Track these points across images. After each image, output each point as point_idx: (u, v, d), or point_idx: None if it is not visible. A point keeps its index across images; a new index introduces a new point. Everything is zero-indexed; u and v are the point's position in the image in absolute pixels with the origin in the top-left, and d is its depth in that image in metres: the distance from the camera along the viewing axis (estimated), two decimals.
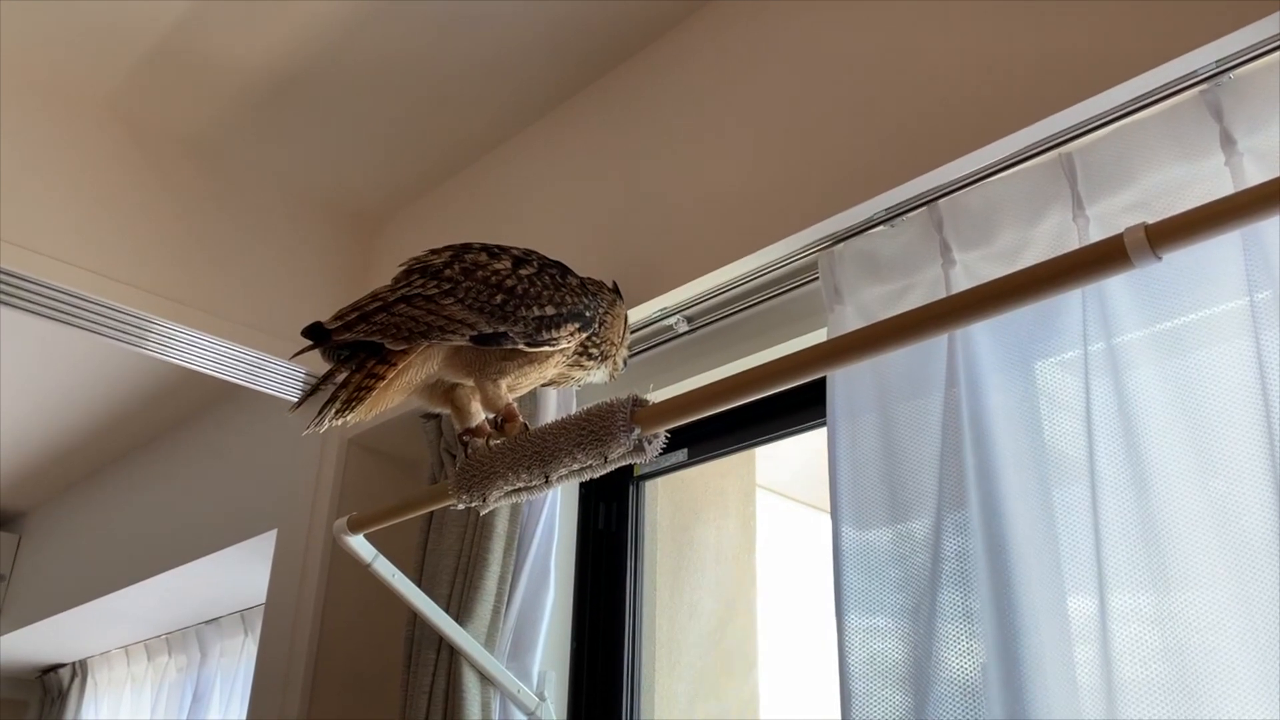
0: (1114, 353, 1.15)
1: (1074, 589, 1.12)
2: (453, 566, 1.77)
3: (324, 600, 2.09)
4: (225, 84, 1.99)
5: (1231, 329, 1.08)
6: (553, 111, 2.04)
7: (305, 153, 2.17)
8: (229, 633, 3.53)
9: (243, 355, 2.12)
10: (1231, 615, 1.00)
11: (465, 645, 1.63)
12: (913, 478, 1.27)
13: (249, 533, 2.60)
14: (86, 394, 3.15)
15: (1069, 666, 1.10)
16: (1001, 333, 1.25)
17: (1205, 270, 1.11)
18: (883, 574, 1.26)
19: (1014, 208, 1.29)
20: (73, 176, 1.96)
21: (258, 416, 2.80)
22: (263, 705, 2.13)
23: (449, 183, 2.26)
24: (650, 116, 1.80)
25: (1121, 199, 1.21)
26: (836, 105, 1.49)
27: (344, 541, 1.58)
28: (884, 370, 1.34)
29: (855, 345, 1.07)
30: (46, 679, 4.50)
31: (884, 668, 1.22)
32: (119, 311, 1.96)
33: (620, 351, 1.56)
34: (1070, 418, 1.18)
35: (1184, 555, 1.04)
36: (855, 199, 1.40)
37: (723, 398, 1.15)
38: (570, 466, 1.26)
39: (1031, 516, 1.17)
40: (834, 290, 1.44)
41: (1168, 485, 1.07)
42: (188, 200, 2.12)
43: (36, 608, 3.75)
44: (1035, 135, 1.25)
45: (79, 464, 3.67)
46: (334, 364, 1.41)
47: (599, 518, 1.95)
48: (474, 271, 1.42)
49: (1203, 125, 1.14)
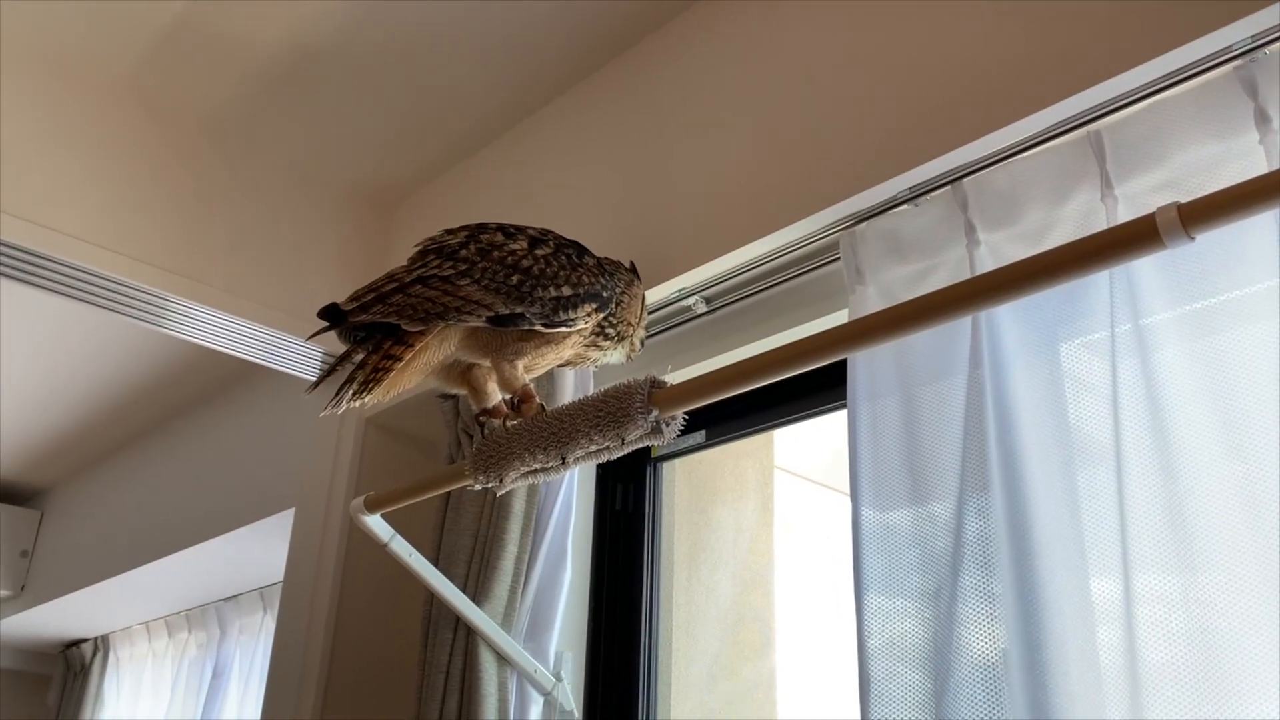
0: (1141, 334, 1.13)
1: (1098, 572, 1.10)
2: (470, 547, 1.77)
3: (341, 579, 2.10)
4: (242, 63, 1.98)
5: (1262, 310, 1.06)
6: (570, 90, 2.02)
7: (322, 132, 2.16)
8: (248, 610, 3.55)
9: (260, 334, 2.12)
10: (1258, 598, 0.99)
11: (482, 625, 1.63)
12: (934, 461, 1.26)
13: (267, 511, 2.61)
14: (107, 372, 3.17)
15: (1092, 649, 1.08)
16: (1026, 314, 1.23)
17: (1236, 250, 1.09)
18: (903, 556, 1.25)
19: (1041, 187, 1.26)
20: (92, 155, 1.96)
21: (276, 395, 2.80)
22: (280, 683, 2.14)
23: (466, 163, 2.24)
24: (669, 94, 1.78)
25: (1152, 178, 1.18)
26: (860, 82, 1.46)
27: (361, 521, 1.58)
28: (906, 352, 1.32)
29: (877, 327, 1.05)
30: (69, 653, 4.56)
31: (904, 650, 1.21)
32: (138, 290, 1.97)
33: (638, 332, 1.55)
34: (1096, 400, 1.16)
35: (1210, 538, 1.03)
36: (878, 177, 1.38)
37: (742, 380, 1.14)
38: (587, 448, 1.25)
39: (1055, 500, 1.15)
40: (855, 271, 1.42)
41: (1194, 468, 1.05)
42: (205, 179, 2.11)
43: (59, 583, 3.79)
44: (1063, 112, 1.23)
45: (100, 442, 3.70)
46: (350, 345, 1.41)
47: (617, 499, 1.94)
48: (490, 252, 1.41)
49: (1236, 102, 1.12)
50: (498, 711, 1.62)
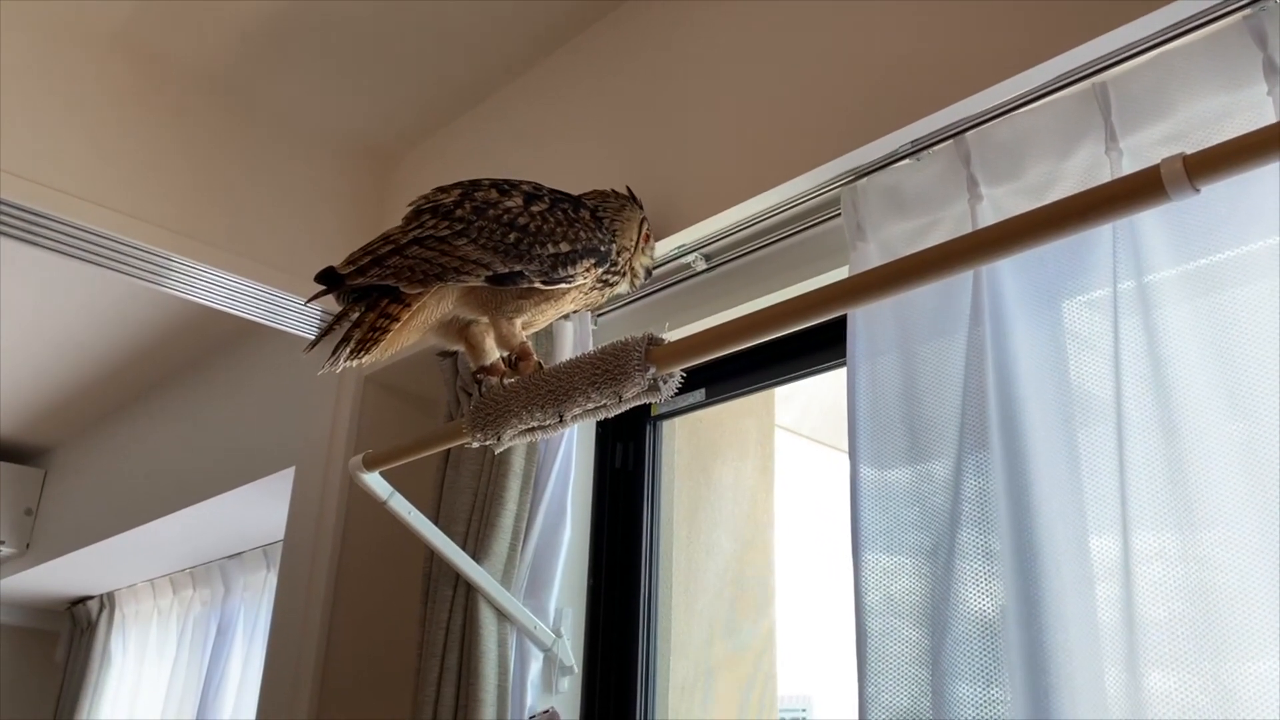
0: (1144, 291, 1.11)
1: (1097, 529, 1.10)
2: (469, 504, 1.77)
3: (342, 537, 2.10)
4: (240, 18, 1.95)
5: (1267, 267, 1.04)
6: (569, 43, 1.99)
7: (321, 88, 2.14)
8: (251, 568, 3.58)
9: (260, 293, 2.11)
10: (1257, 556, 0.99)
11: (482, 582, 1.64)
12: (934, 418, 1.25)
13: (268, 470, 2.62)
14: (109, 331, 3.16)
15: (1090, 606, 1.08)
16: (1028, 270, 1.22)
17: (1241, 206, 1.07)
18: (901, 514, 1.24)
19: (1044, 140, 1.24)
20: (90, 113, 1.94)
21: (276, 354, 2.80)
22: (281, 640, 2.16)
23: (465, 117, 2.22)
24: (669, 48, 1.75)
25: (1157, 130, 1.16)
26: (861, 34, 1.44)
27: (359, 479, 1.58)
28: (906, 309, 1.31)
29: (877, 282, 1.04)
30: (76, 611, 4.60)
31: (901, 607, 1.21)
32: (138, 249, 1.95)
33: (638, 258, 1.53)
34: (1097, 357, 1.15)
35: (1210, 496, 1.02)
36: (880, 131, 1.35)
37: (739, 336, 1.13)
38: (585, 406, 1.24)
39: (1055, 457, 1.14)
40: (856, 227, 1.40)
41: (1195, 426, 1.05)
42: (204, 136, 2.09)
43: (63, 541, 3.81)
44: (1067, 64, 1.20)
45: (102, 401, 3.70)
46: (347, 305, 1.40)
47: (616, 457, 1.94)
48: (486, 210, 1.40)
49: (1245, 52, 1.09)
50: (498, 667, 1.63)
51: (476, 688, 1.60)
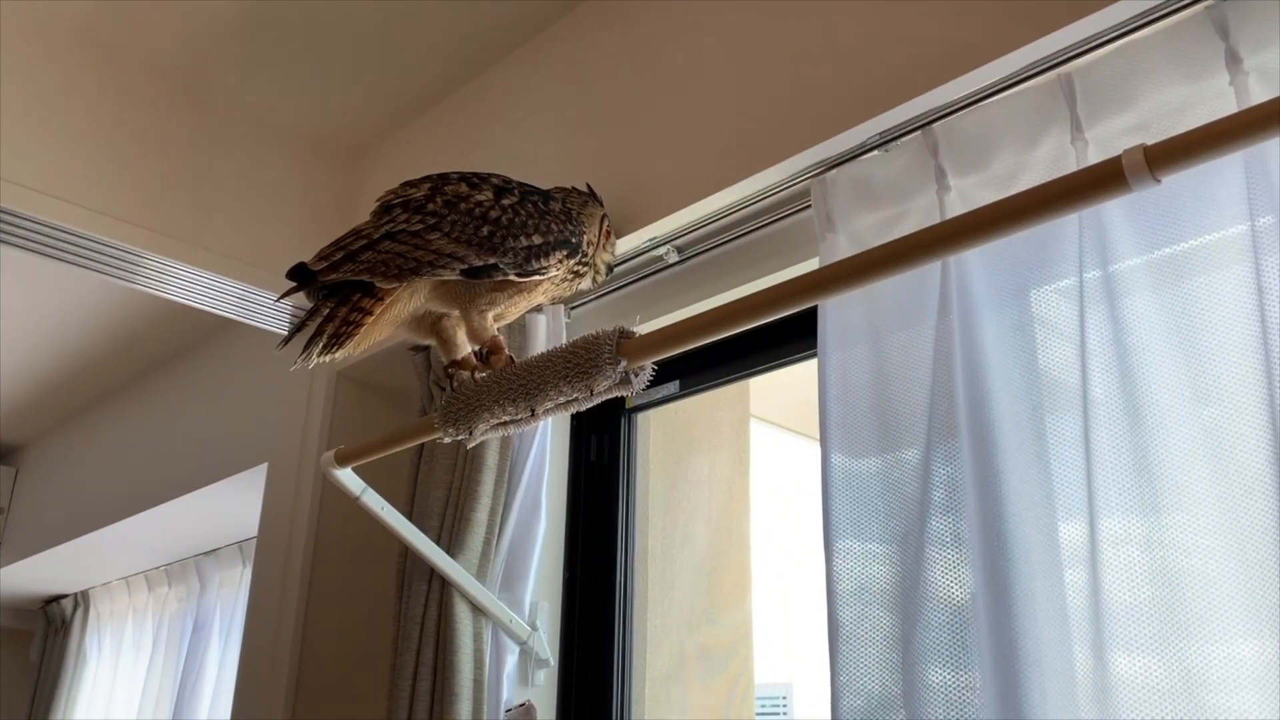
0: (1110, 280, 1.12)
1: (1065, 515, 1.11)
2: (444, 499, 1.77)
3: (315, 533, 2.09)
4: (205, 12, 1.92)
5: (1231, 255, 1.05)
6: (538, 35, 1.98)
7: (289, 81, 2.12)
8: (227, 564, 3.55)
9: (232, 289, 2.09)
10: (1222, 540, 1.00)
11: (456, 576, 1.63)
12: (904, 407, 1.26)
13: (242, 465, 2.60)
14: (79, 328, 3.13)
15: (1059, 590, 1.10)
16: (996, 260, 1.23)
17: (1206, 195, 1.08)
18: (872, 502, 1.25)
19: (1011, 131, 1.25)
20: (55, 108, 1.91)
21: (249, 349, 2.78)
22: (257, 637, 2.15)
23: (434, 110, 2.21)
24: (638, 40, 1.75)
25: (1122, 121, 1.17)
26: (829, 26, 1.44)
27: (332, 475, 1.57)
28: (875, 300, 1.32)
29: (846, 273, 1.04)
30: (50, 609, 4.56)
31: (873, 593, 1.22)
32: (107, 245, 1.93)
33: (600, 254, 1.54)
34: (1064, 346, 1.16)
35: (1176, 481, 1.04)
36: (849, 122, 1.36)
37: (709, 329, 1.13)
38: (556, 400, 1.24)
39: (1023, 444, 1.15)
40: (826, 218, 1.41)
41: (1161, 412, 1.06)
42: (171, 132, 2.07)
43: (36, 540, 3.77)
44: (1033, 55, 1.21)
45: (74, 398, 3.67)
46: (319, 301, 1.39)
47: (591, 449, 1.94)
48: (457, 204, 1.39)
49: (1207, 43, 1.10)
50: (473, 662, 1.63)
51: (452, 682, 1.60)
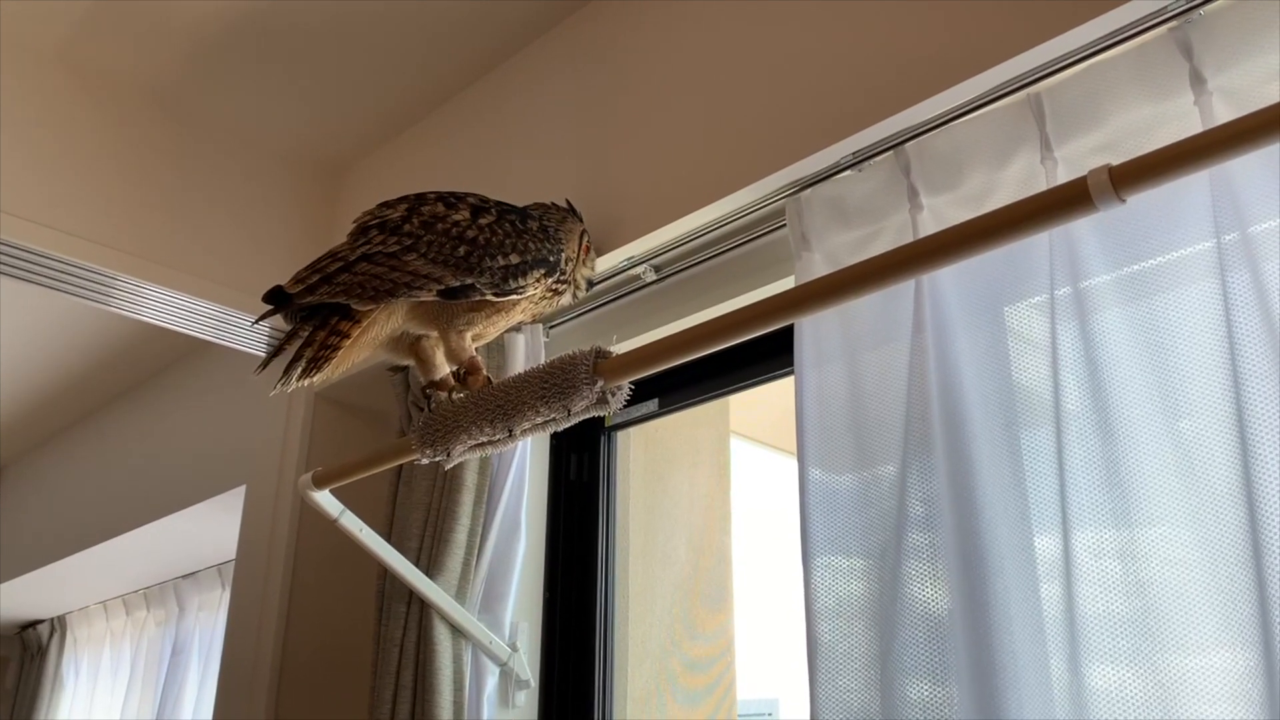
0: (1080, 297, 1.14)
1: (1040, 529, 1.12)
2: (422, 520, 1.76)
3: (294, 555, 2.08)
4: (180, 31, 1.93)
5: (1198, 271, 1.07)
6: (515, 56, 1.99)
7: (265, 101, 2.12)
8: (206, 587, 3.53)
9: (209, 311, 2.08)
10: (1194, 551, 1.01)
11: (435, 598, 1.63)
12: (880, 424, 1.27)
13: (220, 488, 2.59)
14: (54, 351, 3.11)
15: (1035, 604, 1.10)
16: (969, 278, 1.24)
17: (1172, 213, 1.10)
18: (850, 517, 1.26)
19: (982, 150, 1.27)
20: (29, 130, 1.90)
21: (226, 370, 2.76)
22: (235, 660, 2.13)
23: (411, 130, 2.21)
24: (614, 60, 1.76)
25: (1090, 140, 1.19)
26: (802, 47, 1.45)
27: (309, 497, 1.57)
28: (851, 318, 1.33)
29: (821, 292, 1.05)
30: (26, 635, 4.50)
31: (851, 609, 1.23)
32: (82, 269, 1.91)
33: (579, 269, 1.55)
34: (1037, 362, 1.18)
35: (1148, 494, 1.05)
36: (822, 143, 1.37)
37: (686, 348, 1.14)
38: (534, 420, 1.24)
39: (998, 459, 1.16)
40: (801, 237, 1.42)
41: (1133, 427, 1.07)
42: (147, 153, 2.06)
43: (12, 564, 3.73)
44: (1003, 75, 1.23)
45: (48, 421, 3.63)
46: (296, 324, 1.39)
47: (571, 468, 1.94)
48: (434, 224, 1.40)
49: (1172, 63, 1.12)
50: (453, 683, 1.62)
51: (432, 704, 1.59)
